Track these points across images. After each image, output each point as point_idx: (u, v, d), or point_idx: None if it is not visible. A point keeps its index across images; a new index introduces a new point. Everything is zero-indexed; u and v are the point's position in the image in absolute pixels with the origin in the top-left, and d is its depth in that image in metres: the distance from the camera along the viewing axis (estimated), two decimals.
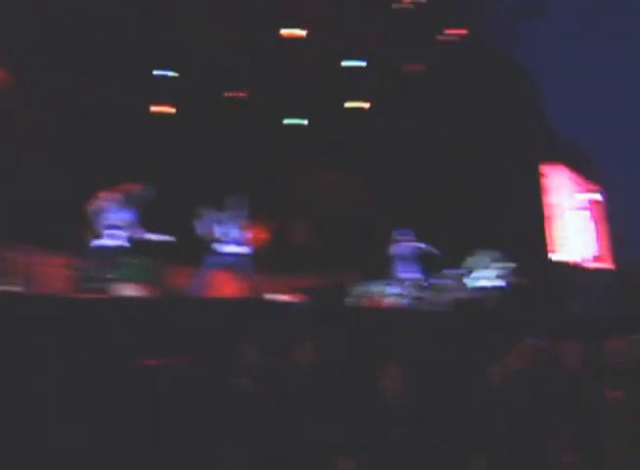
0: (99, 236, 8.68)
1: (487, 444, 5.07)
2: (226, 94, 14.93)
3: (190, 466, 4.93)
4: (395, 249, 12.59)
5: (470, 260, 13.09)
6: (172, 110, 13.77)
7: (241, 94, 15.19)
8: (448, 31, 16.47)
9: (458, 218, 15.32)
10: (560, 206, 18.91)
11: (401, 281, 12.59)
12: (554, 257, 17.80)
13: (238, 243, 9.79)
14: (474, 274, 12.97)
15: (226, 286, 11.48)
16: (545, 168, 18.54)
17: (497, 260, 13.14)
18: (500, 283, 13.16)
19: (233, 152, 15.00)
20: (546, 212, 18.20)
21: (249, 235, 10.27)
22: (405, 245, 12.64)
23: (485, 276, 12.97)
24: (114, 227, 8.77)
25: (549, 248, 17.85)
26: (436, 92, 15.79)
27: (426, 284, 12.90)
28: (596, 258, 19.64)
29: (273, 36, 14.27)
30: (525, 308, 13.11)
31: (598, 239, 21.43)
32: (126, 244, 8.89)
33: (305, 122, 15.36)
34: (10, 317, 5.50)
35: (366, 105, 15.69)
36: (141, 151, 13.03)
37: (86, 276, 8.64)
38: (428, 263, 13.05)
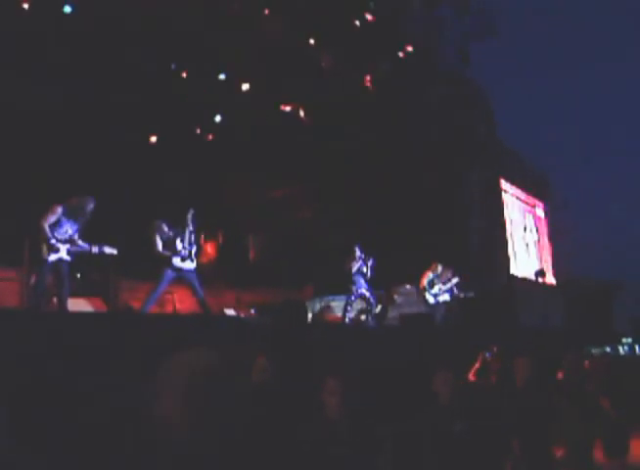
0: (50, 249, 8.56)
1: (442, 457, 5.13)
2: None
3: None
4: (353, 264, 12.65)
5: (427, 276, 13.21)
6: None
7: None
8: (397, 49, 16.64)
9: (413, 234, 15.46)
10: (510, 221, 19.21)
11: (356, 296, 12.65)
12: (507, 271, 18.05)
13: (193, 258, 9.77)
14: (431, 290, 13.10)
15: (181, 301, 11.48)
16: (500, 183, 18.82)
17: (452, 275, 13.31)
18: (450, 297, 13.33)
19: (185, 166, 14.93)
20: (502, 227, 18.46)
21: (200, 250, 10.29)
22: (360, 261, 12.72)
23: (440, 291, 13.12)
24: (63, 241, 8.65)
25: (504, 263, 18.10)
26: (387, 108, 15.94)
27: (375, 299, 12.99)
28: (542, 274, 19.95)
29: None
30: (477, 322, 13.32)
31: (543, 254, 21.83)
32: (70, 258, 8.77)
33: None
34: None
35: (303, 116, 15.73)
36: (90, 163, 12.90)
37: (38, 290, 8.52)
38: (382, 279, 13.15)
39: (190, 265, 9.74)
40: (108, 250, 9.14)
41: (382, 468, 5.03)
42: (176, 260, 9.59)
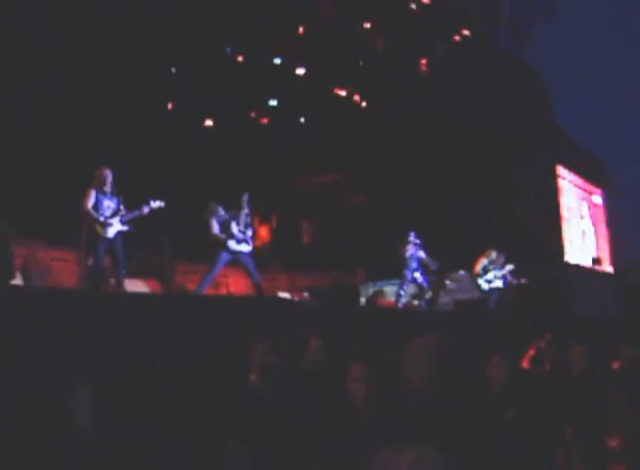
0: (104, 227, 8.79)
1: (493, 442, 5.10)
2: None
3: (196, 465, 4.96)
4: (407, 249, 12.64)
5: (481, 262, 13.10)
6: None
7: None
8: (452, 32, 16.44)
9: (468, 219, 15.33)
10: (566, 208, 18.92)
11: (409, 281, 12.65)
12: (563, 259, 17.80)
13: (249, 241, 9.90)
14: (485, 276, 12.99)
15: (235, 284, 11.60)
16: (556, 170, 18.51)
17: (506, 262, 13.18)
18: (504, 284, 13.20)
19: (239, 150, 15.04)
20: (557, 214, 18.17)
21: (255, 234, 10.40)
22: (415, 246, 12.70)
23: (494, 277, 13.00)
24: (110, 216, 8.89)
25: (559, 250, 17.83)
26: (442, 92, 15.79)
27: (427, 285, 12.97)
28: (598, 262, 19.64)
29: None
30: (531, 310, 13.17)
31: (600, 242, 21.46)
32: (127, 227, 9.01)
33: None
34: (26, 312, 5.55)
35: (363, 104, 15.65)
36: (146, 146, 13.08)
37: (97, 269, 8.76)
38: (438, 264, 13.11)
39: (246, 248, 9.85)
40: (154, 204, 9.30)
41: (427, 457, 5.00)
42: (232, 243, 9.71)
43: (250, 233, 9.96)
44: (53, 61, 11.69)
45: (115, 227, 8.89)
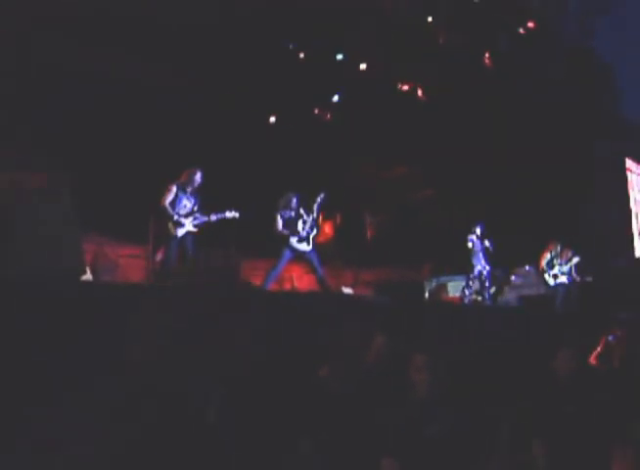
0: (176, 225, 8.93)
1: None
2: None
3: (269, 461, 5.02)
4: (472, 243, 12.55)
5: (545, 257, 12.92)
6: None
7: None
8: (517, 24, 16.20)
9: (535, 213, 15.12)
10: (635, 201, 18.48)
11: (475, 276, 12.55)
12: (631, 253, 17.39)
13: (310, 241, 9.94)
14: (551, 271, 12.81)
15: (300, 279, 11.66)
16: (624, 162, 18.08)
17: (572, 255, 12.96)
18: (569, 280, 12.98)
19: (302, 145, 15.10)
20: (626, 208, 17.75)
21: (319, 230, 10.44)
22: (480, 240, 12.61)
23: (560, 272, 12.80)
24: (185, 215, 9.01)
25: (627, 244, 17.43)
26: (507, 85, 15.62)
27: (490, 280, 12.84)
28: None
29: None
30: (598, 306, 12.93)
31: None
32: (197, 229, 9.12)
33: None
34: (95, 306, 5.69)
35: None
36: (212, 144, 13.25)
37: (166, 265, 8.90)
38: (502, 259, 12.97)
39: (305, 247, 9.88)
40: (229, 214, 9.41)
41: (497, 449, 4.99)
42: (293, 240, 9.77)
43: (313, 233, 10.00)
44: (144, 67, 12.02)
45: (186, 228, 9.00)
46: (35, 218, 6.15)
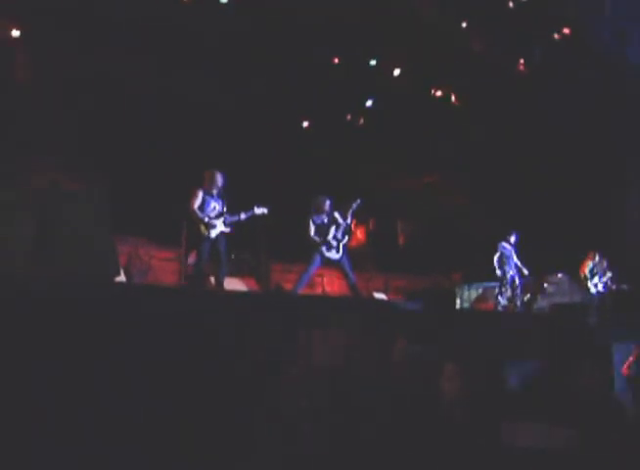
0: (208, 227, 9.02)
1: None
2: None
3: None
4: (504, 251, 12.53)
5: (588, 265, 12.84)
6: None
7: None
8: (551, 31, 16.06)
9: (568, 221, 14.99)
10: None
11: (508, 283, 12.50)
12: None
13: (339, 249, 9.98)
14: (592, 279, 12.73)
15: (330, 284, 11.69)
16: None
17: (609, 266, 12.88)
18: (604, 289, 12.88)
19: (336, 151, 15.14)
20: None
21: (351, 235, 10.49)
22: (512, 247, 12.59)
23: (599, 281, 12.71)
24: (215, 217, 9.11)
25: None
26: (541, 91, 15.51)
27: (522, 287, 12.79)
28: None
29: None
30: (631, 316, 12.79)
31: None
32: (229, 229, 9.21)
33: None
34: (128, 309, 5.76)
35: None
36: (246, 150, 13.34)
37: (198, 268, 9.00)
38: (534, 266, 12.92)
39: (335, 256, 9.94)
40: (258, 210, 9.48)
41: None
42: (323, 248, 9.84)
43: (345, 240, 10.04)
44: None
45: (219, 228, 9.10)
46: (72, 219, 6.24)
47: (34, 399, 4.67)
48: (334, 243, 9.89)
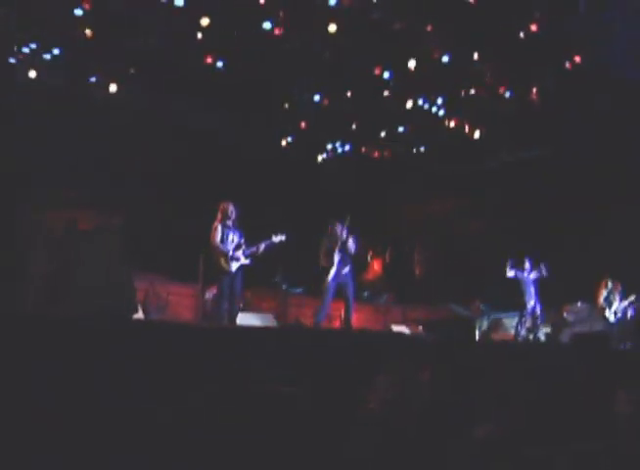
0: (230, 260, 8.97)
1: None
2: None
3: None
4: (522, 278, 12.45)
5: (602, 294, 12.71)
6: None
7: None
8: (563, 59, 16.07)
9: (587, 248, 14.88)
10: None
11: (529, 313, 12.38)
12: None
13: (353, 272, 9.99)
14: (610, 308, 12.58)
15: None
16: None
17: (625, 289, 12.74)
18: (623, 315, 12.73)
19: (352, 181, 15.16)
20: None
21: (367, 266, 10.46)
22: (530, 275, 12.49)
23: (619, 308, 12.56)
24: (234, 249, 9.07)
25: None
26: (555, 119, 15.49)
27: (543, 316, 12.66)
28: None
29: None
30: None
31: None
32: (249, 261, 9.16)
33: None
34: (146, 346, 5.70)
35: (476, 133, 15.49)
36: (261, 181, 13.36)
37: (219, 302, 8.94)
38: (553, 295, 12.80)
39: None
40: (276, 239, 9.44)
41: None
42: (332, 271, 9.80)
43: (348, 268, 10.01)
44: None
45: (240, 261, 9.06)
46: (87, 259, 6.23)
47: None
48: (340, 267, 9.88)
